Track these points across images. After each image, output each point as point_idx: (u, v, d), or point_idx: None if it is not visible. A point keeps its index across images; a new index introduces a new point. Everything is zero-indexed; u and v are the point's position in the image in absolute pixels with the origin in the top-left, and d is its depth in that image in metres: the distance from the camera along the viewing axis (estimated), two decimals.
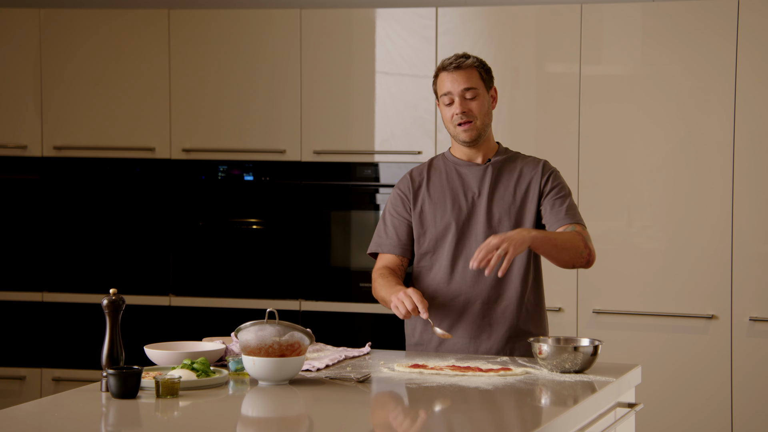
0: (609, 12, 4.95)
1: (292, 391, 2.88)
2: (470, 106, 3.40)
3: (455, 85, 3.40)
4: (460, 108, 3.40)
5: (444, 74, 3.43)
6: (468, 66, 3.41)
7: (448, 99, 3.41)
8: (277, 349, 2.89)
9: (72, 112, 5.47)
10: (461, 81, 3.40)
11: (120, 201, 5.46)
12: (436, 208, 3.47)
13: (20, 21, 5.50)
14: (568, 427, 2.66)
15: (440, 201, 3.48)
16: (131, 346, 3.23)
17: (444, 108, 3.44)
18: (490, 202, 3.44)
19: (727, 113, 4.83)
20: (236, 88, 5.33)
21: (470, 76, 3.41)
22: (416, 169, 3.56)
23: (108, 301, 2.82)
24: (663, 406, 4.88)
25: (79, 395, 2.78)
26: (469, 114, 3.40)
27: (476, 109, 3.41)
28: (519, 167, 3.49)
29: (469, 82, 3.40)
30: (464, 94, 3.40)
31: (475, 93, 3.41)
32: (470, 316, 3.43)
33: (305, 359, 3.06)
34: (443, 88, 3.43)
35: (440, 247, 3.46)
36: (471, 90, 3.40)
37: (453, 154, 3.52)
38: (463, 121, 3.40)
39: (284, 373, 2.91)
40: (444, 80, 3.43)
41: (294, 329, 2.92)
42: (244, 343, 2.91)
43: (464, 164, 3.49)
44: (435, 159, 3.57)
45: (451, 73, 3.41)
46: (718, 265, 4.84)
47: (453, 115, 3.41)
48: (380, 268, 3.50)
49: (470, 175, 3.48)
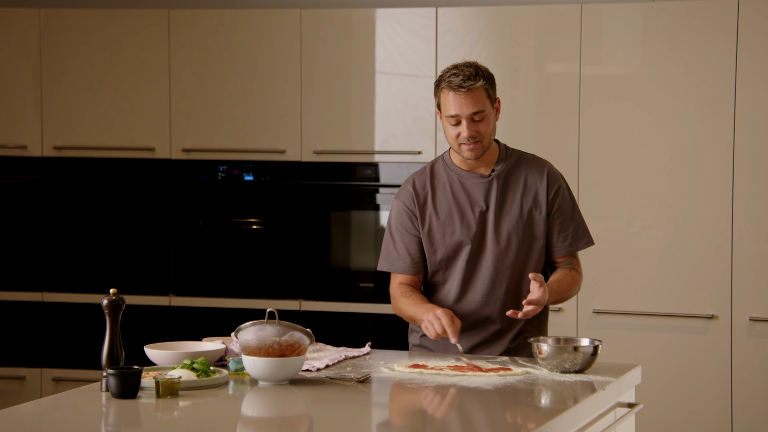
0: (609, 12, 4.95)
1: (292, 391, 2.88)
2: (478, 129, 3.31)
3: (463, 109, 3.28)
4: (468, 132, 3.29)
5: (450, 94, 3.29)
6: (477, 88, 3.27)
7: (454, 120, 3.30)
8: (277, 349, 2.89)
9: (72, 112, 5.47)
10: (469, 105, 3.28)
11: (120, 201, 5.46)
12: (445, 227, 3.42)
13: (20, 21, 5.50)
14: (568, 427, 2.66)
15: (448, 218, 3.42)
16: (131, 346, 3.23)
17: (448, 125, 3.33)
18: (497, 219, 3.40)
19: (727, 113, 4.83)
20: (236, 88, 5.33)
21: (478, 99, 3.28)
22: (418, 179, 3.47)
23: (108, 301, 2.82)
24: (663, 406, 4.88)
25: (79, 395, 2.78)
26: (476, 136, 3.31)
27: (483, 130, 3.31)
28: (524, 175, 3.43)
29: (477, 105, 3.28)
30: (472, 117, 3.29)
31: (483, 115, 3.30)
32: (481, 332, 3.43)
33: (305, 359, 3.06)
34: (449, 109, 3.30)
35: (452, 264, 3.43)
36: (479, 113, 3.29)
37: (454, 161, 3.45)
38: (470, 143, 3.32)
39: (284, 373, 2.91)
40: (450, 100, 3.29)
41: (294, 329, 2.92)
42: (244, 343, 2.91)
43: (467, 175, 3.42)
44: (436, 165, 3.48)
45: (459, 95, 3.28)
46: (718, 265, 4.84)
47: (459, 135, 3.31)
48: (400, 286, 3.45)
49: (475, 189, 3.41)
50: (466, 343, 3.43)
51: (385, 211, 5.22)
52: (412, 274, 3.46)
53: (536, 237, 3.42)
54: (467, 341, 3.44)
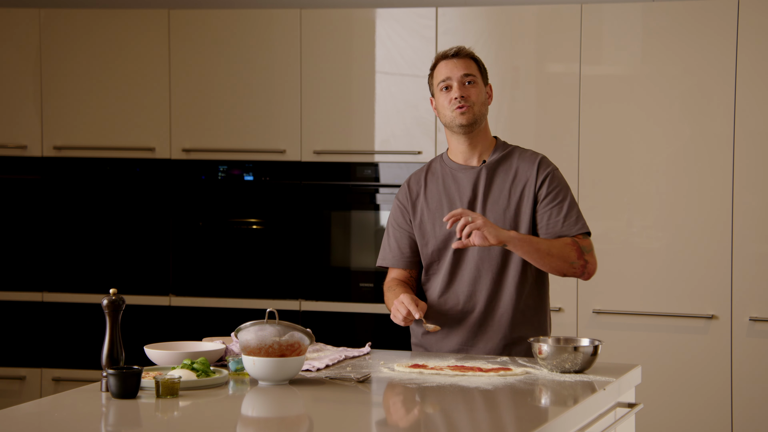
0: (609, 12, 4.96)
1: (292, 391, 2.88)
2: (469, 92, 3.41)
3: (455, 71, 3.42)
4: (459, 92, 3.40)
5: (443, 62, 3.45)
6: (467, 55, 3.45)
7: (445, 84, 3.42)
8: (277, 349, 2.89)
9: (72, 112, 5.47)
10: (461, 67, 3.42)
11: (120, 201, 5.46)
12: (435, 218, 3.46)
13: (20, 21, 5.50)
14: (568, 427, 2.66)
15: (438, 209, 3.46)
16: (131, 346, 3.23)
17: (441, 95, 3.43)
18: (484, 208, 3.42)
19: (727, 113, 4.83)
20: (236, 88, 5.33)
21: (469, 64, 3.44)
22: (414, 177, 3.56)
23: (108, 301, 2.82)
24: (663, 406, 4.88)
25: (79, 395, 2.78)
26: (467, 99, 3.40)
27: (474, 96, 3.41)
28: (515, 166, 3.45)
29: (468, 69, 3.43)
30: (463, 80, 3.42)
31: (474, 80, 3.43)
32: (468, 324, 3.44)
33: (305, 359, 3.06)
34: (441, 75, 3.44)
35: (443, 256, 3.46)
36: (470, 76, 3.42)
37: (450, 158, 3.51)
38: (461, 105, 3.40)
39: (284, 373, 2.91)
40: (442, 68, 3.44)
41: (294, 329, 2.92)
42: (244, 343, 2.91)
43: (459, 168, 3.48)
44: (434, 162, 3.55)
45: (451, 59, 3.43)
46: (718, 265, 4.84)
47: (451, 99, 3.41)
48: (389, 281, 3.53)
49: (464, 179, 3.46)
50: (456, 338, 3.44)
51: (385, 211, 5.23)
52: (403, 269, 3.52)
53: (522, 227, 3.39)
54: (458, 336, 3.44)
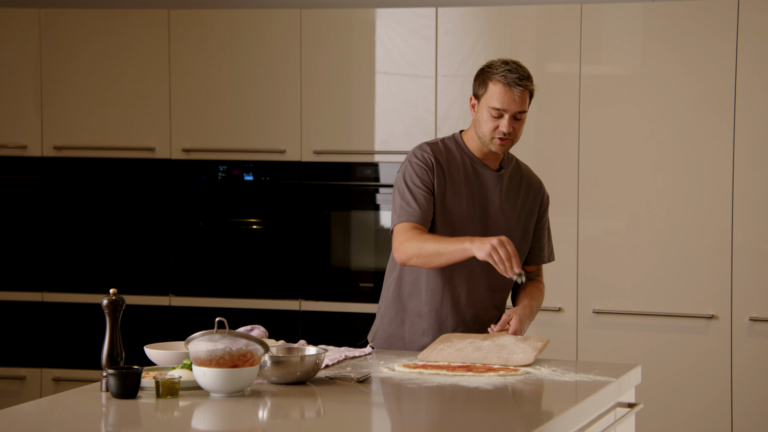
0: (609, 12, 4.95)
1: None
2: (515, 127, 3.34)
3: (512, 105, 3.31)
4: (508, 128, 3.32)
5: (503, 88, 3.31)
6: (528, 90, 3.33)
7: (497, 113, 3.32)
8: (229, 359, 2.77)
9: (72, 112, 5.47)
10: (518, 103, 3.31)
11: (120, 201, 5.46)
12: (460, 199, 3.40)
13: (20, 21, 5.50)
14: (568, 427, 2.66)
15: (464, 193, 3.41)
16: (131, 346, 3.23)
17: (487, 116, 3.34)
18: (500, 213, 3.45)
19: (727, 113, 4.83)
20: (236, 88, 5.33)
21: (525, 100, 3.33)
22: (433, 147, 3.42)
23: (108, 301, 2.82)
24: (663, 406, 4.88)
25: (79, 395, 2.78)
26: (512, 134, 3.34)
27: (518, 130, 3.36)
28: (524, 183, 3.52)
29: (523, 105, 3.32)
30: (515, 115, 3.33)
31: (523, 116, 3.35)
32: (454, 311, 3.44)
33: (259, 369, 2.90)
34: (496, 101, 3.31)
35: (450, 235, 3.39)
36: (522, 113, 3.34)
37: (468, 146, 3.45)
38: (505, 139, 3.34)
39: (236, 385, 2.78)
40: (500, 94, 3.31)
41: (246, 338, 2.80)
42: (194, 354, 2.79)
43: (480, 164, 3.44)
44: (447, 141, 3.46)
45: (512, 89, 3.30)
46: (718, 264, 4.84)
47: (496, 129, 3.33)
48: (415, 228, 3.31)
49: (487, 179, 3.44)
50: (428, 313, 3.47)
51: (385, 211, 5.23)
52: (424, 227, 3.36)
53: (527, 240, 3.52)
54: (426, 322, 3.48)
